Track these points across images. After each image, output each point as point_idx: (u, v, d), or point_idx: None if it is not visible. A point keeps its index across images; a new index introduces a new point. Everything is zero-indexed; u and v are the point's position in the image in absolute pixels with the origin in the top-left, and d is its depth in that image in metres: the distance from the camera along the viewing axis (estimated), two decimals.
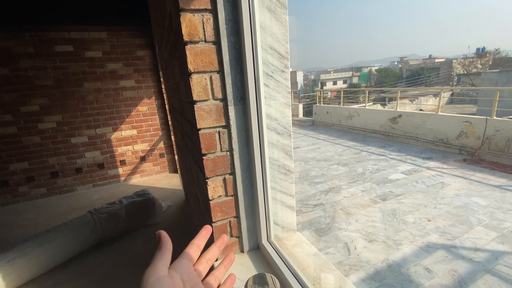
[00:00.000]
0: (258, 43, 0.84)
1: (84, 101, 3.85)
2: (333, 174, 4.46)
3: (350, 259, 2.26)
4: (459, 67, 32.90)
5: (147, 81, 4.12)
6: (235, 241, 1.04)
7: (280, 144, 1.01)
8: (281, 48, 0.91)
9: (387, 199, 3.39)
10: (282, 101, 0.97)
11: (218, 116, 0.90)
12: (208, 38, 0.82)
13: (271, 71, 0.92)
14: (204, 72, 0.84)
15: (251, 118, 0.89)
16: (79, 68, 3.74)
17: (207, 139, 0.89)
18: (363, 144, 6.39)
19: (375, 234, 2.62)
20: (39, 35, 3.51)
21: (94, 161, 4.08)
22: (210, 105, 0.88)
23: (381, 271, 2.09)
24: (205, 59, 0.83)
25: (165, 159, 4.52)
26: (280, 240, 1.09)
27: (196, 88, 0.84)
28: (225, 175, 0.96)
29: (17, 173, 3.75)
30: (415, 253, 2.27)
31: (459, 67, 32.94)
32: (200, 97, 0.85)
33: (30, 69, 3.56)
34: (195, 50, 0.81)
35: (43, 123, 3.73)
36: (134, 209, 2.86)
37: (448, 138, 5.26)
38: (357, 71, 54.18)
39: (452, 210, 3.00)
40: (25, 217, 3.46)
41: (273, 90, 0.95)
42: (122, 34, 3.85)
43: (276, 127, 0.99)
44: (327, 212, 3.11)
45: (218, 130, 0.91)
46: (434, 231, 2.61)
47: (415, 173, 4.22)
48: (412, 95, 21.85)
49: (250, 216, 1.03)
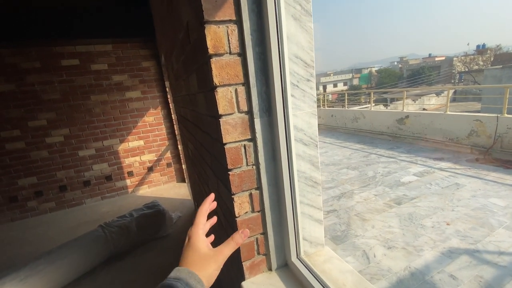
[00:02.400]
0: (285, 53, 0.81)
1: (91, 114, 3.86)
2: (344, 178, 4.39)
3: (370, 267, 2.19)
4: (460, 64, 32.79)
5: (153, 92, 4.12)
6: (262, 259, 0.99)
7: (307, 156, 0.97)
8: (306, 57, 0.87)
9: (402, 203, 3.31)
10: (308, 111, 0.93)
11: (244, 130, 0.86)
12: (233, 50, 0.79)
13: (297, 80, 0.88)
14: (229, 85, 0.81)
15: (278, 130, 0.85)
16: (85, 81, 3.75)
17: (232, 154, 0.85)
18: (371, 147, 6.31)
19: (393, 240, 2.54)
20: (46, 50, 3.54)
21: (101, 174, 4.06)
22: (235, 119, 0.84)
23: (404, 280, 2.01)
24: (230, 71, 0.80)
25: (173, 169, 4.49)
26: (309, 256, 1.04)
27: (222, 102, 0.80)
28: (251, 190, 0.92)
29: (26, 188, 3.74)
30: (438, 259, 2.19)
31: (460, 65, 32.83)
32: (226, 111, 0.82)
33: (37, 84, 3.58)
34: (220, 63, 0.78)
35: (51, 137, 3.73)
36: (144, 222, 2.82)
37: (458, 137, 5.17)
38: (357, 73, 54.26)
39: (471, 212, 2.91)
40: (35, 232, 3.44)
41: (299, 100, 0.91)
42: (127, 46, 3.86)
43: (302, 138, 0.95)
44: (342, 219, 3.03)
45: (243, 144, 0.87)
46: (455, 235, 2.53)
47: (427, 174, 4.13)
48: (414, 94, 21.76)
49: (277, 233, 0.98)
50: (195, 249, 0.46)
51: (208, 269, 0.43)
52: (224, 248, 0.47)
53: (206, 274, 0.43)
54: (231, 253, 0.48)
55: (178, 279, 0.40)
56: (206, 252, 0.45)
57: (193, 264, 0.43)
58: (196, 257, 0.44)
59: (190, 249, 0.46)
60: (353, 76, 52.57)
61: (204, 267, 0.43)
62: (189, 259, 0.44)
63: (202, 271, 0.42)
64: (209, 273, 0.43)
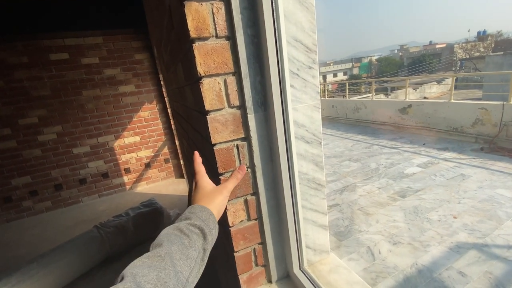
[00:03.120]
0: (283, 35, 0.68)
1: (84, 110, 3.73)
2: (346, 171, 4.29)
3: (375, 265, 2.11)
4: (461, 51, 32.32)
5: (147, 85, 3.98)
6: (261, 271, 0.89)
7: (309, 155, 0.85)
8: (307, 40, 0.75)
9: (406, 195, 3.21)
10: (310, 104, 0.81)
11: (236, 127, 0.74)
12: (220, 33, 0.66)
13: (297, 68, 0.76)
14: (217, 75, 0.68)
15: (276, 126, 0.73)
16: (76, 76, 3.61)
17: (223, 156, 0.74)
18: (373, 137, 6.19)
19: (398, 235, 2.45)
20: (33, 44, 3.38)
21: (98, 171, 3.96)
22: (225, 115, 0.72)
23: (411, 278, 1.93)
24: (217, 58, 0.67)
25: (170, 165, 4.39)
26: (313, 265, 0.94)
27: (209, 96, 0.68)
28: (246, 196, 0.81)
29: (20, 187, 3.65)
30: (446, 255, 2.11)
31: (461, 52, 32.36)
32: (214, 106, 0.70)
33: (25, 80, 3.43)
34: (205, 49, 0.65)
35: (43, 135, 3.61)
36: (142, 221, 2.73)
37: (462, 126, 5.04)
38: (357, 62, 53.63)
39: (478, 204, 2.82)
40: (31, 233, 3.37)
41: (300, 91, 0.79)
42: (118, 38, 3.70)
43: (304, 135, 0.83)
44: (345, 214, 2.95)
45: (236, 144, 0.75)
46: (462, 229, 2.44)
47: (431, 165, 4.02)
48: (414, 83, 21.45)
49: (277, 242, 0.88)
50: (202, 188, 0.53)
51: (216, 200, 0.50)
52: (227, 183, 0.55)
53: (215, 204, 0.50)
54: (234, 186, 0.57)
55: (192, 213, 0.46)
56: (212, 189, 0.53)
57: (202, 200, 0.50)
58: (203, 194, 0.52)
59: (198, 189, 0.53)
60: (353, 66, 51.96)
61: (211, 200, 0.50)
62: (198, 196, 0.52)
63: (210, 203, 0.49)
64: (216, 204, 0.50)
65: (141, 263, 0.37)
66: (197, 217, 0.45)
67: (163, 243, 0.40)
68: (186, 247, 0.40)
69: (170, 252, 0.38)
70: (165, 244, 0.40)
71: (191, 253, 0.40)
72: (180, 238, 0.41)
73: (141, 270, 0.35)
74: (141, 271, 0.35)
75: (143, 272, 0.35)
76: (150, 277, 0.34)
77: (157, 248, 0.39)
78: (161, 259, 0.37)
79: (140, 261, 0.37)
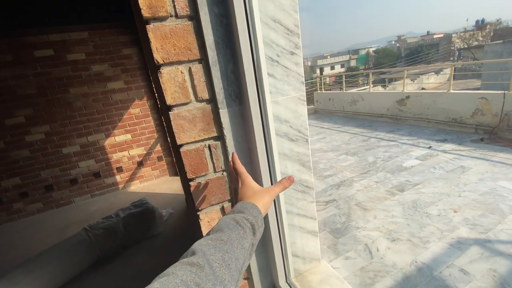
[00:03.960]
0: (256, 13, 0.57)
1: (72, 108, 3.60)
2: (343, 165, 4.20)
3: (373, 263, 2.03)
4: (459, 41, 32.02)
5: (137, 81, 3.85)
6: (243, 284, 0.79)
7: (294, 154, 0.75)
8: (288, 20, 0.64)
9: (404, 189, 3.13)
10: (294, 96, 0.70)
11: (206, 125, 0.64)
12: (181, 12, 0.55)
13: (277, 54, 0.65)
14: (179, 63, 0.58)
15: (253, 122, 0.63)
16: (62, 72, 3.47)
17: (193, 158, 0.64)
18: (370, 130, 6.09)
19: (397, 231, 2.37)
20: (16, 41, 3.24)
21: (89, 171, 3.86)
22: (193, 110, 0.61)
23: (411, 276, 1.86)
24: (178, 43, 0.56)
25: (164, 162, 4.29)
26: (301, 275, 0.85)
27: (170, 87, 0.58)
28: (222, 203, 0.71)
29: (10, 189, 3.55)
30: (446, 252, 2.03)
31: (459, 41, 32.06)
32: (177, 100, 0.59)
33: (10, 78, 3.30)
34: (162, 31, 0.54)
35: (31, 135, 3.49)
36: (132, 222, 2.65)
37: (462, 117, 4.94)
38: (354, 54, 53.21)
39: (479, 197, 2.74)
40: (22, 235, 3.28)
41: (281, 82, 0.68)
42: (105, 32, 3.55)
43: (287, 132, 0.73)
44: (341, 209, 2.86)
45: (207, 144, 0.65)
46: (463, 223, 2.36)
47: (430, 157, 3.94)
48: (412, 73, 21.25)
49: (261, 252, 0.79)
50: (250, 187, 0.53)
51: (264, 200, 0.50)
52: (274, 187, 0.54)
53: (263, 203, 0.50)
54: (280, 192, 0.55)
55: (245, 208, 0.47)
56: (260, 188, 0.53)
57: (252, 198, 0.51)
58: (253, 192, 0.52)
59: (246, 187, 0.53)
60: (351, 58, 51.55)
61: (260, 198, 0.51)
62: (248, 194, 0.52)
63: (259, 202, 0.50)
64: (264, 203, 0.50)
65: (206, 243, 0.39)
66: (250, 213, 0.47)
67: (224, 229, 0.42)
68: (242, 237, 0.42)
69: (231, 238, 0.40)
70: (226, 230, 0.41)
71: (245, 244, 0.42)
72: (236, 229, 0.43)
73: (208, 249, 0.37)
74: (209, 250, 0.37)
75: (210, 251, 0.37)
76: (216, 257, 0.36)
77: (218, 233, 0.41)
78: (223, 243, 0.39)
79: (205, 241, 0.39)
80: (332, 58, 51.40)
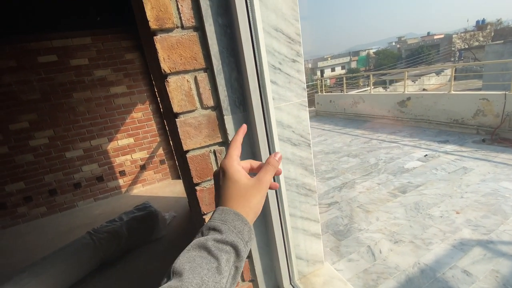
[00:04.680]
0: (259, 23, 0.59)
1: (75, 113, 3.64)
2: (344, 167, 4.21)
3: (376, 265, 2.04)
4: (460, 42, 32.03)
5: (139, 86, 3.89)
6: (248, 286, 0.81)
7: (297, 158, 0.77)
8: (290, 29, 0.66)
9: (407, 191, 3.13)
10: (296, 102, 0.72)
11: (211, 131, 0.66)
12: (186, 23, 0.57)
13: (279, 62, 0.68)
14: (185, 72, 0.60)
15: (257, 128, 0.65)
16: (65, 78, 3.51)
17: (199, 164, 0.66)
18: (371, 132, 6.10)
19: (400, 233, 2.38)
20: (20, 47, 3.29)
21: (92, 174, 3.89)
22: (198, 117, 0.63)
23: (414, 278, 1.86)
24: (184, 53, 0.58)
25: (166, 166, 4.31)
26: (305, 277, 0.86)
27: (177, 96, 0.60)
28: None
29: (14, 194, 3.58)
30: (449, 253, 2.04)
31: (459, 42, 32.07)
32: (184, 108, 0.61)
33: (14, 83, 3.35)
34: (169, 42, 0.57)
35: (35, 140, 3.53)
36: (136, 225, 2.67)
37: (463, 118, 4.94)
38: (355, 56, 53.31)
39: (481, 198, 2.74)
40: (26, 239, 3.30)
41: (283, 88, 0.70)
42: (108, 38, 3.60)
43: (290, 137, 0.75)
44: (344, 212, 2.87)
45: (213, 149, 0.67)
46: (465, 224, 2.36)
47: (432, 159, 3.94)
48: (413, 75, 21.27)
49: (265, 254, 0.80)
50: (234, 181, 0.41)
51: (253, 200, 0.40)
52: (264, 175, 0.42)
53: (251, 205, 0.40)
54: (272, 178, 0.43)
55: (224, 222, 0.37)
56: (246, 183, 0.41)
57: (236, 199, 0.40)
58: (236, 190, 0.40)
59: (229, 182, 0.41)
60: (351, 59, 51.65)
61: (247, 199, 0.40)
62: (230, 194, 0.40)
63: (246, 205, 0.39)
64: (253, 205, 0.40)
65: None
66: (229, 229, 0.36)
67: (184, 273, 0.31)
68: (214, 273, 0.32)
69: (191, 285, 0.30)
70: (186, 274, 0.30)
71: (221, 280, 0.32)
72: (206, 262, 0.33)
73: None
74: None
75: None
76: None
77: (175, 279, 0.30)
78: None
79: None
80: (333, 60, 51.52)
